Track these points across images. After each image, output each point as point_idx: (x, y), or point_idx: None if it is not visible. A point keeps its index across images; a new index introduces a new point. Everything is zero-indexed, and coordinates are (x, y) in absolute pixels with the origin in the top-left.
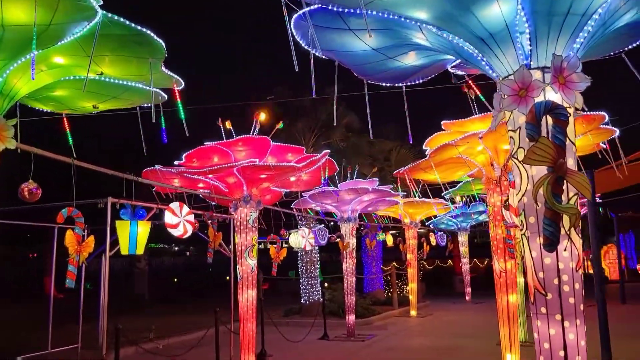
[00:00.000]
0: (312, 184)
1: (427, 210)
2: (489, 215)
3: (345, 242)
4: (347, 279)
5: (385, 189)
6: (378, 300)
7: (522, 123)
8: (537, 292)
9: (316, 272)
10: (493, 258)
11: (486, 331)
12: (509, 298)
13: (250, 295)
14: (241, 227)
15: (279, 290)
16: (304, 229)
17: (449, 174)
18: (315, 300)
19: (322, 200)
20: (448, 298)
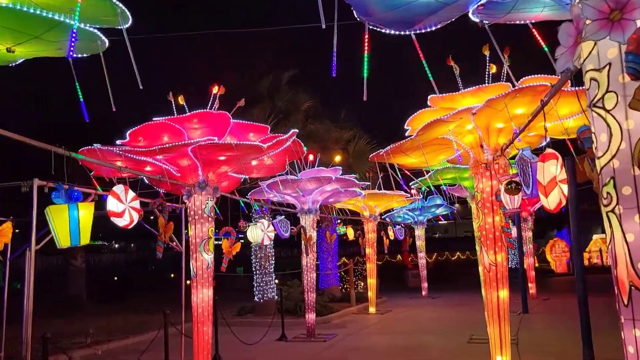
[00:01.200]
0: (275, 170)
1: (388, 202)
2: (476, 202)
3: (307, 234)
4: (307, 275)
5: (349, 178)
6: (334, 297)
7: (613, 58)
8: (635, 289)
9: (271, 268)
10: (482, 250)
11: (451, 327)
12: (499, 294)
13: (206, 294)
14: (195, 217)
15: (227, 288)
16: (263, 222)
17: (431, 157)
18: (270, 298)
19: (281, 190)
20: (403, 293)
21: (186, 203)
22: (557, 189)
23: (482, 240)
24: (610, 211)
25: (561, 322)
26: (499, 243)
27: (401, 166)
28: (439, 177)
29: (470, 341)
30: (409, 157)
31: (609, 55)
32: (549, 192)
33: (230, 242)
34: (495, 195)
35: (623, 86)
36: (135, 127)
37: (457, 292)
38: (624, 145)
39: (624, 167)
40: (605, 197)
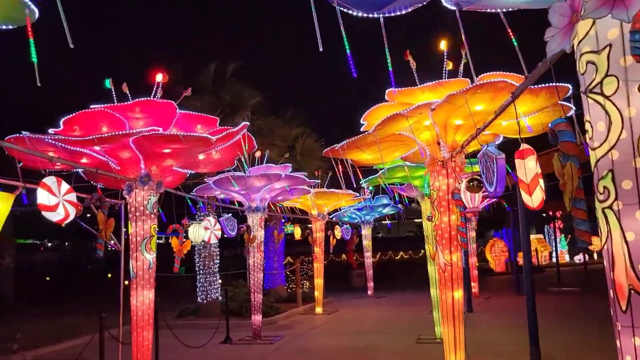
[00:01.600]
0: (223, 165)
1: (336, 201)
2: (432, 201)
3: (252, 234)
4: (254, 275)
5: (300, 175)
6: (280, 297)
7: (614, 39)
8: (635, 293)
9: (215, 268)
10: (437, 250)
11: (399, 327)
12: (454, 294)
13: (146, 297)
14: (137, 214)
15: (168, 288)
16: (209, 219)
17: (386, 154)
18: (214, 299)
19: (229, 187)
20: (349, 293)
21: (126, 199)
22: (539, 186)
23: (437, 240)
24: (607, 207)
25: (505, 320)
26: (454, 242)
27: (355, 162)
28: (392, 176)
29: (419, 341)
30: (364, 153)
31: (610, 36)
32: (532, 190)
33: (179, 240)
34: (452, 194)
35: (625, 70)
36: (70, 115)
37: (401, 291)
38: (624, 135)
39: (625, 158)
40: (601, 192)
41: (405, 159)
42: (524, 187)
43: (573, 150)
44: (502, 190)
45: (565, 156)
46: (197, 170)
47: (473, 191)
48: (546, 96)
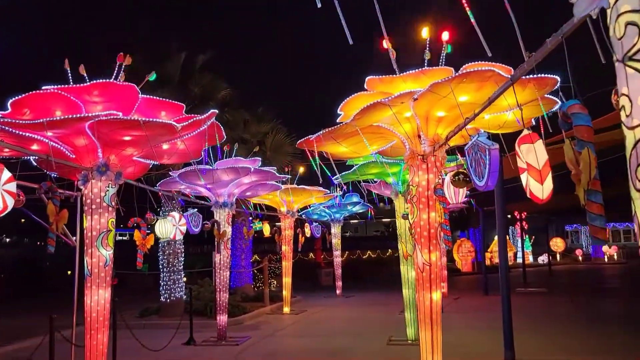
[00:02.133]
0: (189, 157)
1: (307, 198)
2: (411, 197)
3: (221, 230)
4: (221, 273)
5: (270, 169)
6: (247, 296)
7: None
8: None
9: (180, 266)
10: (415, 249)
11: (369, 328)
12: (432, 295)
13: (102, 297)
14: (93, 207)
15: (130, 287)
16: (174, 215)
17: (362, 147)
18: (177, 298)
19: (195, 180)
20: (317, 292)
21: (82, 190)
22: (550, 174)
23: (416, 238)
24: None
25: (477, 321)
26: (433, 241)
27: (330, 156)
28: (365, 172)
29: (390, 343)
30: (340, 145)
31: None
32: (544, 177)
33: (142, 234)
34: (434, 190)
35: None
36: (19, 96)
37: (370, 291)
38: None
39: None
40: (632, 179)
41: (382, 154)
42: (535, 175)
43: (590, 135)
44: (494, 185)
45: (581, 142)
46: (160, 161)
47: (459, 186)
48: (534, 88)
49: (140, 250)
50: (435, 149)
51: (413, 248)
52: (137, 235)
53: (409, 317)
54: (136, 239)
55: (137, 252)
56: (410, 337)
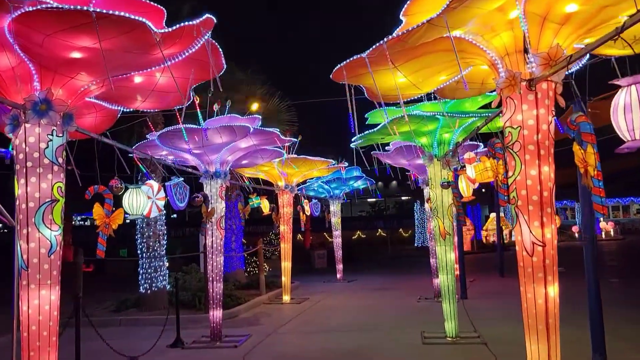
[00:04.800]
0: (171, 101)
1: (309, 169)
2: (509, 145)
3: (210, 206)
4: (213, 259)
5: (273, 131)
6: (240, 283)
7: None
8: None
9: (162, 251)
10: (517, 220)
11: (388, 320)
12: (547, 290)
13: (46, 300)
14: (28, 165)
15: (108, 275)
16: (151, 184)
17: (424, 76)
18: (160, 287)
19: (179, 144)
20: (313, 276)
21: (12, 140)
22: None
23: (518, 206)
24: None
25: (508, 308)
26: (547, 209)
27: (372, 94)
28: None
29: (425, 341)
30: (394, 71)
31: None
32: None
33: (106, 208)
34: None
35: None
36: None
37: (370, 274)
38: None
39: None
40: None
41: (441, 95)
42: None
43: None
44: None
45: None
46: (131, 106)
47: None
48: None
49: (103, 233)
50: (551, 70)
51: (515, 220)
52: (98, 212)
53: (448, 310)
54: (96, 217)
55: (98, 235)
56: (450, 334)
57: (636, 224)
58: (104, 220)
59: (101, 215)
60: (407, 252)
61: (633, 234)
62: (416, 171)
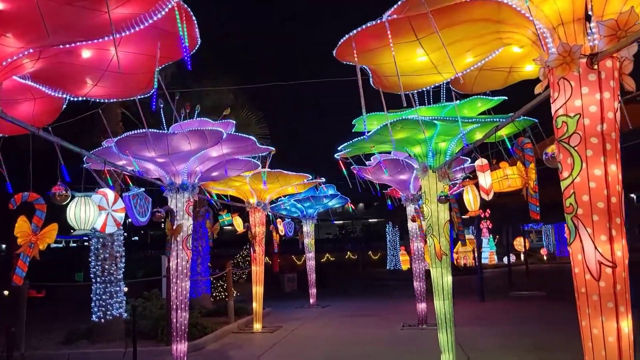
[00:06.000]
0: (131, 89)
1: (284, 185)
2: (562, 138)
3: (176, 223)
4: (178, 284)
5: (249, 138)
6: (206, 309)
7: None
8: None
9: (119, 274)
10: (576, 234)
11: (377, 354)
12: (620, 325)
13: None
14: None
15: (59, 300)
16: (106, 193)
17: (453, 52)
18: (116, 316)
19: (141, 152)
20: (283, 301)
21: None
22: None
23: (578, 215)
24: None
25: (501, 337)
26: (617, 220)
27: (383, 79)
28: (379, 140)
29: None
30: (414, 47)
31: None
32: None
33: (35, 222)
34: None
35: None
36: None
37: (344, 298)
38: None
39: None
40: None
41: (458, 85)
42: None
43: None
44: None
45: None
46: (81, 93)
47: None
48: None
49: (24, 254)
50: (620, 43)
51: (573, 233)
52: (22, 228)
53: (444, 340)
54: (18, 234)
55: (19, 257)
56: None
57: None
58: (29, 239)
59: (25, 233)
60: (380, 275)
61: None
62: (398, 187)
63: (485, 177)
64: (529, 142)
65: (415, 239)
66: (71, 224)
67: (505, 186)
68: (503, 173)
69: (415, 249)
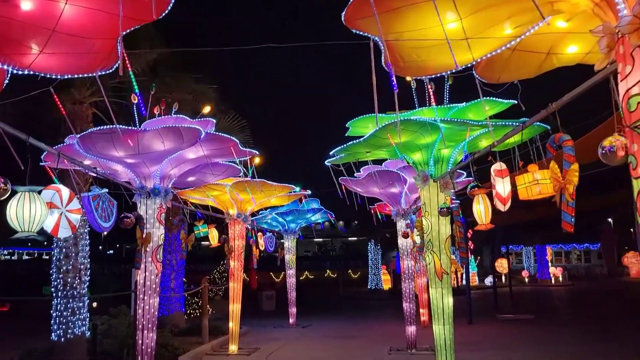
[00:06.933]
0: (89, 60)
1: (269, 196)
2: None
3: (145, 231)
4: (145, 301)
5: (232, 139)
6: (177, 328)
7: None
8: None
9: (83, 289)
10: None
11: None
12: None
13: None
14: None
15: (24, 316)
16: (58, 188)
17: (491, 19)
18: (78, 334)
19: (106, 151)
20: (261, 320)
21: None
22: None
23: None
24: None
25: None
26: None
27: (392, 60)
28: (375, 144)
29: None
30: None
31: None
32: None
33: None
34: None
35: None
36: None
37: (325, 318)
38: None
39: None
40: None
41: (484, 70)
42: None
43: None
44: None
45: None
46: (24, 64)
47: None
48: None
49: None
50: None
51: None
52: None
53: None
54: None
55: None
56: None
57: (580, 269)
58: None
59: None
60: (360, 294)
61: (578, 279)
62: (389, 201)
63: (504, 184)
64: (569, 138)
65: (406, 256)
66: (12, 224)
67: (535, 193)
68: (532, 177)
69: (406, 267)
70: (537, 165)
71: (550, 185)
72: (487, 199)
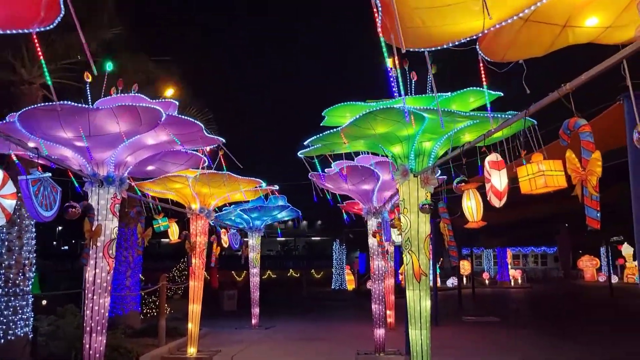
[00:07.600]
0: (20, 10)
1: (233, 190)
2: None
3: (96, 223)
4: (94, 301)
5: (196, 123)
6: (132, 329)
7: None
8: None
9: (27, 286)
10: None
11: None
12: None
13: None
14: None
15: None
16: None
17: None
18: (21, 336)
19: (52, 131)
20: (222, 320)
21: None
22: None
23: None
24: None
25: None
26: None
27: (390, 28)
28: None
29: None
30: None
31: None
32: None
33: None
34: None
35: None
36: None
37: (288, 319)
38: None
39: None
40: None
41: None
42: None
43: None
44: None
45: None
46: None
47: None
48: None
49: None
50: None
51: None
52: None
53: None
54: None
55: None
56: None
57: (538, 272)
58: None
59: None
60: (324, 294)
61: (536, 282)
62: (360, 198)
63: (501, 177)
64: (585, 123)
65: (376, 257)
66: None
67: (540, 185)
68: (537, 168)
69: (376, 267)
70: (544, 154)
71: (557, 177)
72: (478, 193)
